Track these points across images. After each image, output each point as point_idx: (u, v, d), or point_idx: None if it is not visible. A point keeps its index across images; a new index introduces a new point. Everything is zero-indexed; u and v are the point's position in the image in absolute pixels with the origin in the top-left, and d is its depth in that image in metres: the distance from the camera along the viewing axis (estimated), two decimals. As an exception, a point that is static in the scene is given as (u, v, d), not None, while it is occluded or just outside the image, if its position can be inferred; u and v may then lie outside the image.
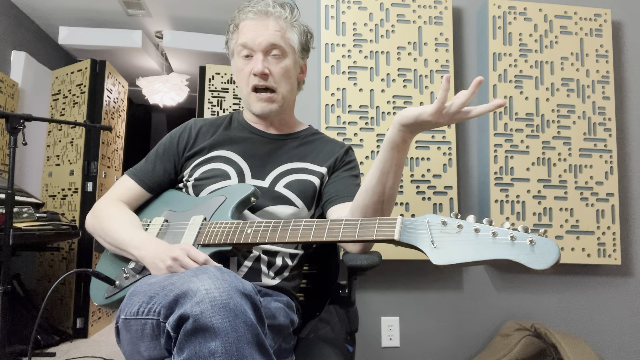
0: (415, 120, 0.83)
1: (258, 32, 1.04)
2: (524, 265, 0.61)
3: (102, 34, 3.48)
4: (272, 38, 1.04)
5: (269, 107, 1.06)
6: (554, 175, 1.81)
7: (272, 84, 1.05)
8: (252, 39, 1.04)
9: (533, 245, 0.62)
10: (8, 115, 1.70)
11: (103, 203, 1.07)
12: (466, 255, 0.64)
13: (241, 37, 1.06)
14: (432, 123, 0.83)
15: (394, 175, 0.89)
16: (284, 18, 1.06)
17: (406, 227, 0.73)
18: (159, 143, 1.14)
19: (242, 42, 1.05)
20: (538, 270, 0.60)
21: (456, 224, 0.68)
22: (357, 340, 1.25)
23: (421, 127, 0.84)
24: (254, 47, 1.04)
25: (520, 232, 0.64)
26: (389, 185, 0.89)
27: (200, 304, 0.64)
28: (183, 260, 0.84)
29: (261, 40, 1.03)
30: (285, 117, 1.14)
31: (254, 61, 1.04)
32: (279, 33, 1.05)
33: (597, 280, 1.88)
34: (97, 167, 2.90)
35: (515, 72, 1.83)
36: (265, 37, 1.04)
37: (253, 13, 1.05)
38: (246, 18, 1.06)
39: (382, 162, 0.88)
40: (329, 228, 0.80)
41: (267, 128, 1.14)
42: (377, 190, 0.89)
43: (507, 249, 0.63)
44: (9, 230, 1.67)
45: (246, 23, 1.06)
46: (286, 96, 1.09)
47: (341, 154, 1.13)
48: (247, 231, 0.87)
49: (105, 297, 0.96)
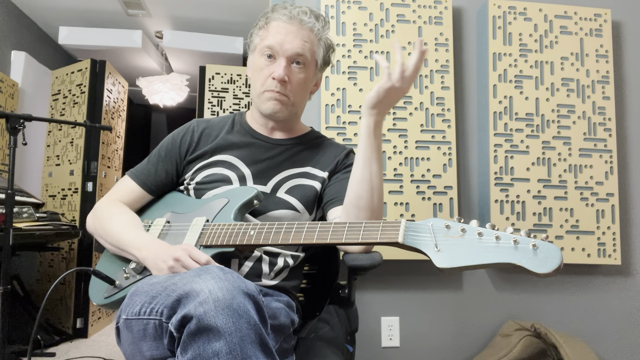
0: (378, 95, 0.92)
1: (287, 38, 1.02)
2: (527, 269, 0.62)
3: (102, 34, 3.48)
4: (300, 48, 1.03)
5: (279, 107, 1.05)
6: (554, 175, 1.81)
7: (288, 92, 1.05)
8: (280, 43, 1.02)
9: (536, 250, 0.63)
10: (8, 115, 1.70)
11: (104, 203, 1.07)
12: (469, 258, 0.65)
13: (269, 38, 1.04)
14: (390, 88, 0.91)
15: (377, 161, 0.96)
16: (315, 31, 1.05)
17: (410, 230, 0.73)
18: (160, 144, 1.13)
19: (269, 44, 1.03)
20: (541, 274, 0.61)
21: (460, 228, 0.69)
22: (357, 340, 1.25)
23: (387, 100, 0.93)
24: (280, 52, 1.03)
25: (523, 236, 0.65)
26: (374, 171, 0.95)
27: (204, 304, 0.64)
28: (185, 260, 0.83)
29: (289, 47, 1.02)
30: (290, 123, 1.14)
31: (277, 65, 1.02)
32: (308, 45, 1.04)
33: (597, 280, 1.88)
34: (97, 167, 2.90)
35: (515, 72, 1.83)
36: (294, 46, 1.02)
37: (287, 16, 1.03)
38: (279, 19, 1.04)
39: (363, 149, 0.95)
40: (332, 230, 0.80)
41: (270, 133, 1.12)
42: (365, 177, 0.95)
43: (511, 253, 0.63)
44: (9, 230, 1.67)
45: (278, 24, 1.04)
46: (297, 105, 1.09)
47: (342, 157, 1.13)
48: (250, 233, 0.87)
49: (104, 297, 0.95)
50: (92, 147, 2.91)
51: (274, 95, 1.04)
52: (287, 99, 1.05)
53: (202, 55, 3.69)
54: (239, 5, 3.22)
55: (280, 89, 1.03)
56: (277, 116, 1.07)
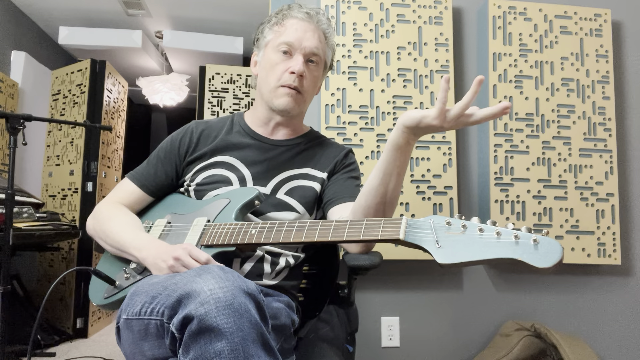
0: (419, 123, 0.82)
1: (306, 36, 1.05)
2: (528, 263, 0.62)
3: (102, 34, 3.48)
4: (316, 47, 1.06)
5: (292, 104, 1.05)
6: (554, 175, 1.81)
7: (304, 88, 1.06)
8: (298, 40, 1.04)
9: (537, 245, 0.63)
10: (8, 115, 1.70)
11: (104, 206, 1.07)
12: (471, 254, 0.65)
13: (287, 34, 1.05)
14: (436, 127, 0.82)
15: (397, 177, 0.88)
16: (328, 34, 1.09)
17: (411, 227, 0.73)
18: (159, 146, 1.13)
19: (288, 41, 1.04)
20: (542, 269, 0.61)
21: (461, 225, 0.69)
22: (357, 340, 1.25)
23: (425, 130, 0.84)
24: (298, 48, 1.04)
25: (524, 232, 0.65)
26: (392, 187, 0.89)
27: (205, 304, 0.64)
28: (185, 259, 0.83)
29: (307, 44, 1.04)
30: (295, 121, 1.14)
31: (294, 60, 1.04)
32: (321, 45, 1.07)
33: (597, 280, 1.88)
34: (97, 167, 2.90)
35: (515, 72, 1.83)
36: (311, 43, 1.05)
37: (306, 15, 1.06)
38: (296, 17, 1.06)
39: (385, 163, 0.87)
40: (334, 228, 0.80)
41: (270, 133, 1.12)
42: (379, 192, 0.89)
43: (512, 249, 0.64)
44: (9, 230, 1.67)
45: (295, 22, 1.06)
46: (306, 103, 1.11)
47: (341, 157, 1.13)
48: (252, 232, 0.87)
49: (104, 298, 0.95)
50: (92, 147, 2.91)
51: (290, 91, 1.04)
52: (300, 96, 1.06)
53: (202, 55, 3.69)
54: (239, 5, 3.22)
55: (297, 83, 1.04)
56: (290, 112, 1.07)
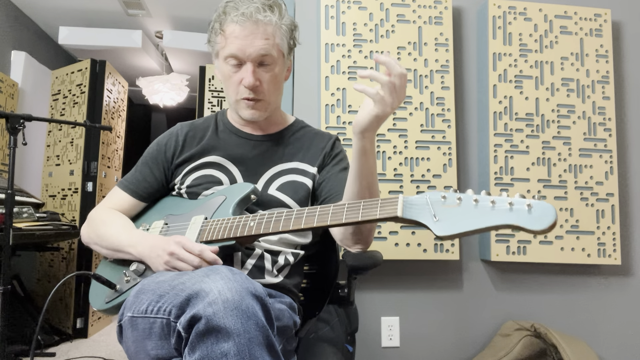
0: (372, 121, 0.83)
1: (247, 42, 0.97)
2: (524, 227, 0.63)
3: (102, 34, 3.48)
4: (263, 49, 0.98)
5: (257, 114, 1.05)
6: (554, 175, 1.81)
7: (262, 95, 1.03)
8: (241, 50, 0.97)
9: (531, 209, 0.64)
10: (8, 115, 1.70)
11: (96, 213, 1.08)
12: (468, 224, 0.66)
13: (229, 46, 0.98)
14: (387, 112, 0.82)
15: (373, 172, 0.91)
16: (273, 24, 0.99)
17: (408, 204, 0.75)
18: (146, 151, 1.13)
19: (232, 53, 0.98)
20: (538, 231, 0.62)
21: (456, 197, 0.70)
22: (357, 340, 1.25)
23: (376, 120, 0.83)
24: (243, 58, 0.98)
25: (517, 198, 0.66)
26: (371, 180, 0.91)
27: (213, 304, 0.64)
28: (179, 253, 0.84)
29: (251, 51, 0.97)
30: (272, 118, 1.13)
31: (244, 71, 0.99)
32: (270, 42, 0.99)
33: (597, 280, 1.88)
34: (97, 167, 2.90)
35: (515, 72, 1.83)
36: (256, 48, 0.97)
37: (240, 17, 0.96)
38: (233, 22, 0.97)
39: (359, 169, 0.89)
40: (332, 212, 0.80)
41: (254, 130, 1.12)
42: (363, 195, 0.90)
43: (507, 215, 0.65)
44: (9, 230, 1.67)
45: (234, 28, 0.97)
46: (273, 102, 1.08)
47: (328, 148, 1.12)
48: (250, 224, 0.87)
49: (105, 302, 0.95)
50: (92, 147, 2.91)
51: (250, 103, 1.03)
52: (262, 102, 1.04)
53: (202, 55, 3.69)
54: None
55: (253, 95, 1.02)
56: (258, 120, 1.07)
